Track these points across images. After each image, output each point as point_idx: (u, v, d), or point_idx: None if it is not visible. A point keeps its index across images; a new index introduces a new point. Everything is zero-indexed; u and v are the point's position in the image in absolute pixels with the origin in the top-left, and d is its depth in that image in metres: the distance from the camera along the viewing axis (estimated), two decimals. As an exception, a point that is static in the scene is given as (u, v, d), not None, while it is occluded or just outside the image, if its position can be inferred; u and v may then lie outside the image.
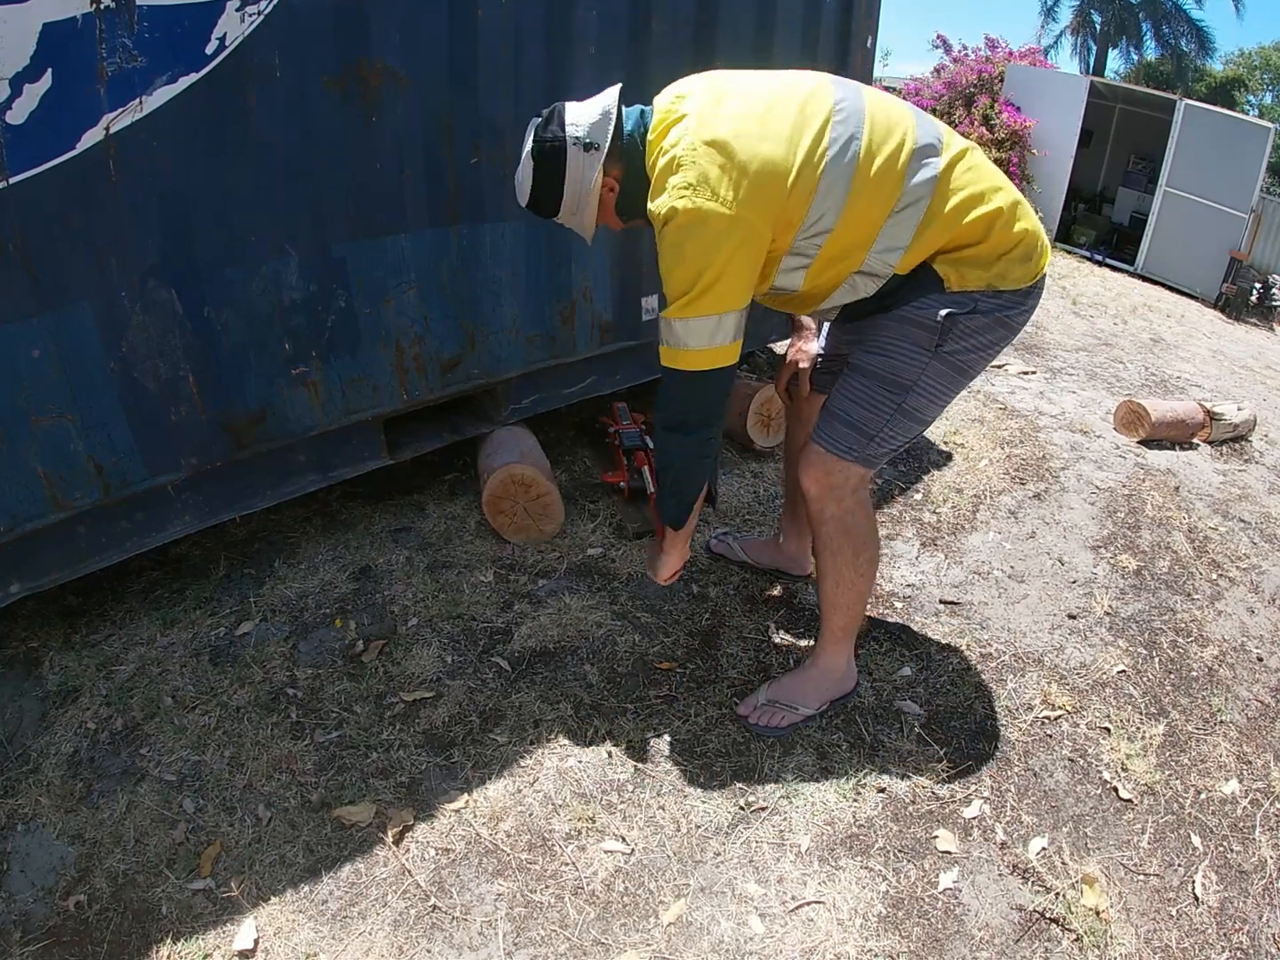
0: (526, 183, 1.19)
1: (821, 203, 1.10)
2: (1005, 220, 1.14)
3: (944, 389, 1.24)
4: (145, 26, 1.19)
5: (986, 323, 1.18)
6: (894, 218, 1.11)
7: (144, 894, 1.14)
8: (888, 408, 1.23)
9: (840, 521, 1.31)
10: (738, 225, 1.06)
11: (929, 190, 1.11)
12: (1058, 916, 1.16)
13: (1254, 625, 1.87)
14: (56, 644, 1.55)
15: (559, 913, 1.13)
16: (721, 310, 1.11)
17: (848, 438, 1.26)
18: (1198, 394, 3.42)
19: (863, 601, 1.40)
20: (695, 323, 1.12)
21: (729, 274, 1.09)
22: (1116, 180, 7.84)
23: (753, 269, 1.12)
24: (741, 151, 1.06)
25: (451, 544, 1.88)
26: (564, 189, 1.17)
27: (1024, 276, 1.16)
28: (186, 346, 1.41)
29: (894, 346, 1.21)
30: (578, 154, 1.14)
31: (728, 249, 1.07)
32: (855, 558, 1.33)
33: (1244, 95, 20.80)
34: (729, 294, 1.10)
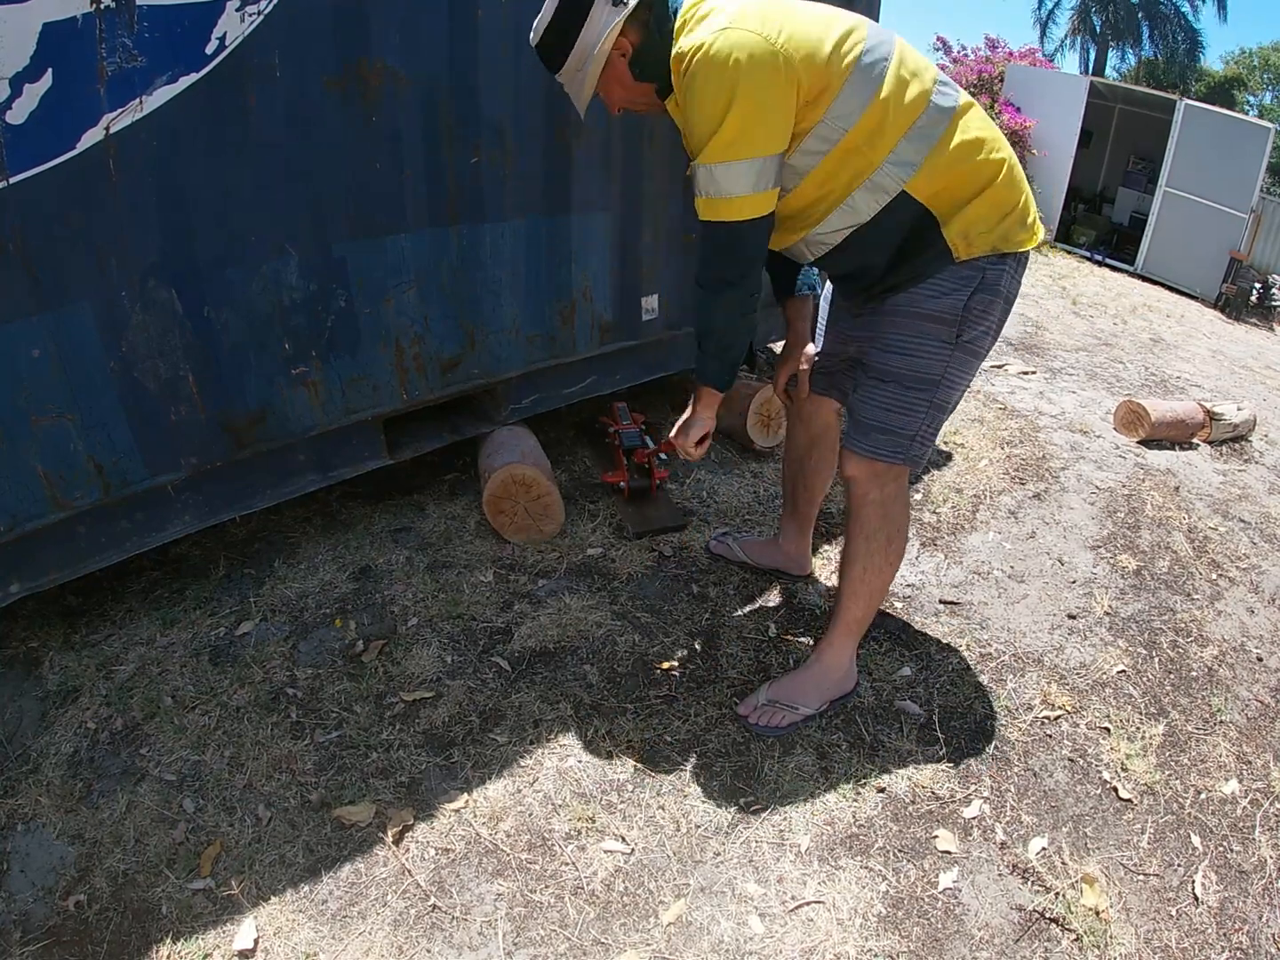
0: (545, 21, 1.17)
1: (848, 97, 1.10)
2: (1006, 176, 1.16)
3: (966, 375, 1.28)
4: (145, 26, 1.19)
5: (991, 299, 1.20)
6: (913, 131, 1.12)
7: (144, 894, 1.14)
8: (922, 407, 1.25)
9: (882, 506, 1.32)
10: (781, 60, 1.04)
11: (946, 118, 1.14)
12: (1057, 916, 1.16)
13: (1254, 625, 1.87)
14: (56, 644, 1.55)
15: (559, 912, 1.13)
16: (763, 152, 1.08)
17: (889, 444, 1.27)
18: (1197, 394, 3.43)
19: (883, 595, 1.41)
20: (738, 166, 1.09)
21: (771, 111, 1.06)
22: (1116, 180, 7.85)
23: (789, 111, 1.08)
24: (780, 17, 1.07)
25: (451, 544, 1.88)
26: (577, 39, 1.15)
27: (1024, 240, 1.19)
28: (186, 346, 1.41)
29: (915, 345, 1.22)
30: (603, 5, 1.13)
31: (770, 82, 1.05)
32: (888, 544, 1.35)
33: (1244, 95, 20.81)
34: (770, 134, 1.08)
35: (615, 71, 1.19)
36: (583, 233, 1.92)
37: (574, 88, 1.22)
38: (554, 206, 1.85)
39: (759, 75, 1.04)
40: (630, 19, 1.14)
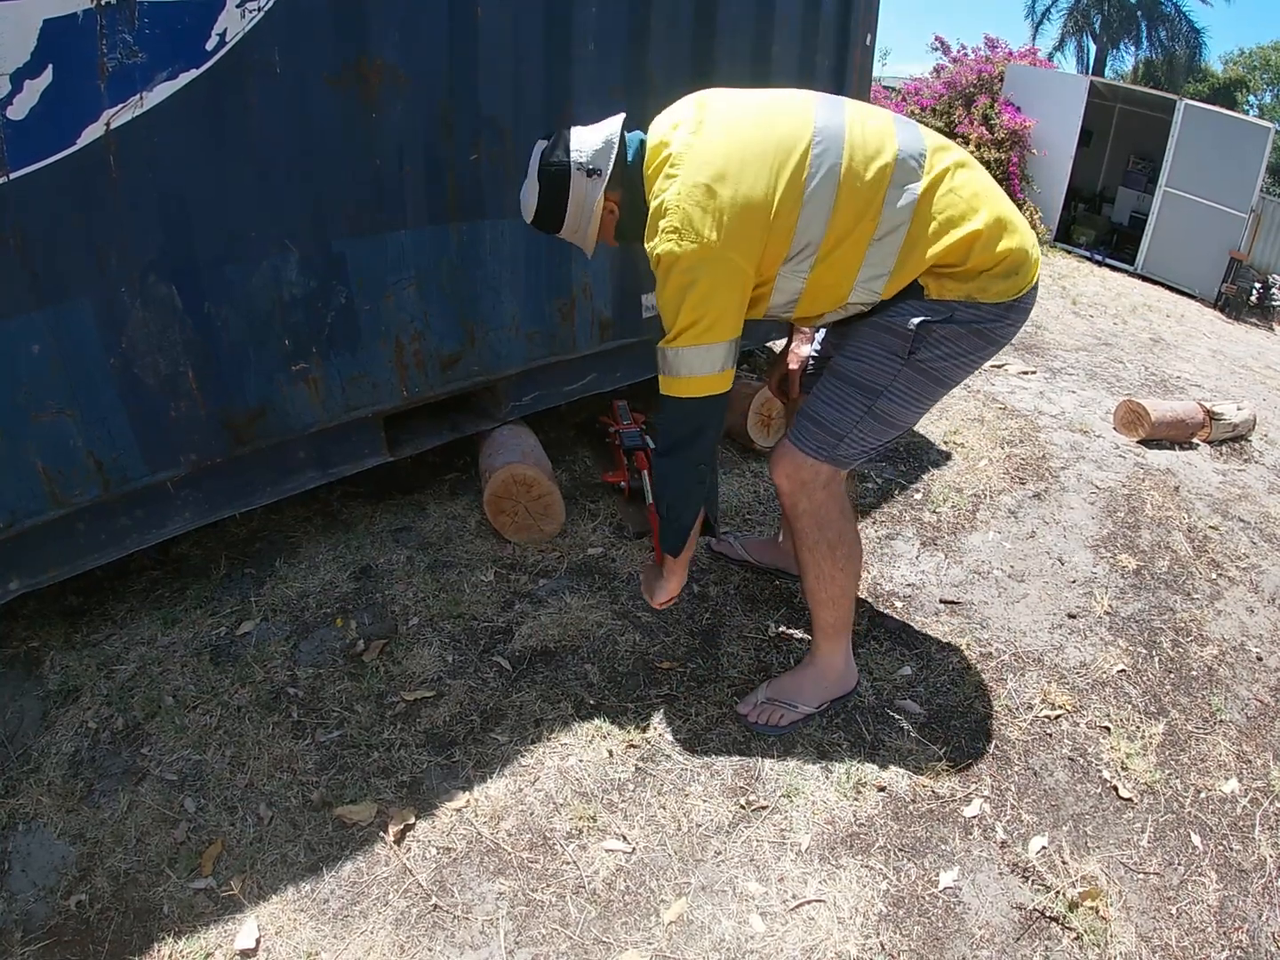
0: (532, 202, 1.25)
1: (804, 232, 1.15)
2: (985, 241, 1.15)
3: (918, 396, 1.26)
4: (146, 22, 1.19)
5: (962, 332, 1.20)
6: (876, 245, 1.16)
7: (145, 893, 1.13)
8: (857, 411, 1.26)
9: (813, 516, 1.33)
10: (721, 264, 1.12)
11: (908, 215, 1.14)
12: (1057, 915, 1.16)
13: (1253, 625, 1.88)
14: (57, 643, 1.55)
15: (560, 911, 1.13)
16: (710, 340, 1.16)
17: (816, 437, 1.28)
18: (1197, 394, 3.43)
19: (848, 596, 1.40)
20: (687, 352, 1.18)
21: (715, 309, 1.15)
22: (1116, 180, 7.85)
23: (739, 303, 1.18)
24: (724, 193, 1.11)
25: (452, 543, 1.88)
26: (567, 210, 1.23)
27: (1006, 291, 1.18)
28: (186, 342, 1.41)
29: (867, 351, 1.24)
30: (581, 178, 1.20)
31: (712, 286, 1.14)
32: (832, 551, 1.34)
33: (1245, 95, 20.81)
34: (716, 327, 1.16)
35: (607, 227, 1.27)
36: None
37: (576, 241, 1.29)
38: (555, 204, 1.84)
39: (709, 284, 1.13)
40: (609, 181, 1.21)
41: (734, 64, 2.00)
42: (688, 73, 1.90)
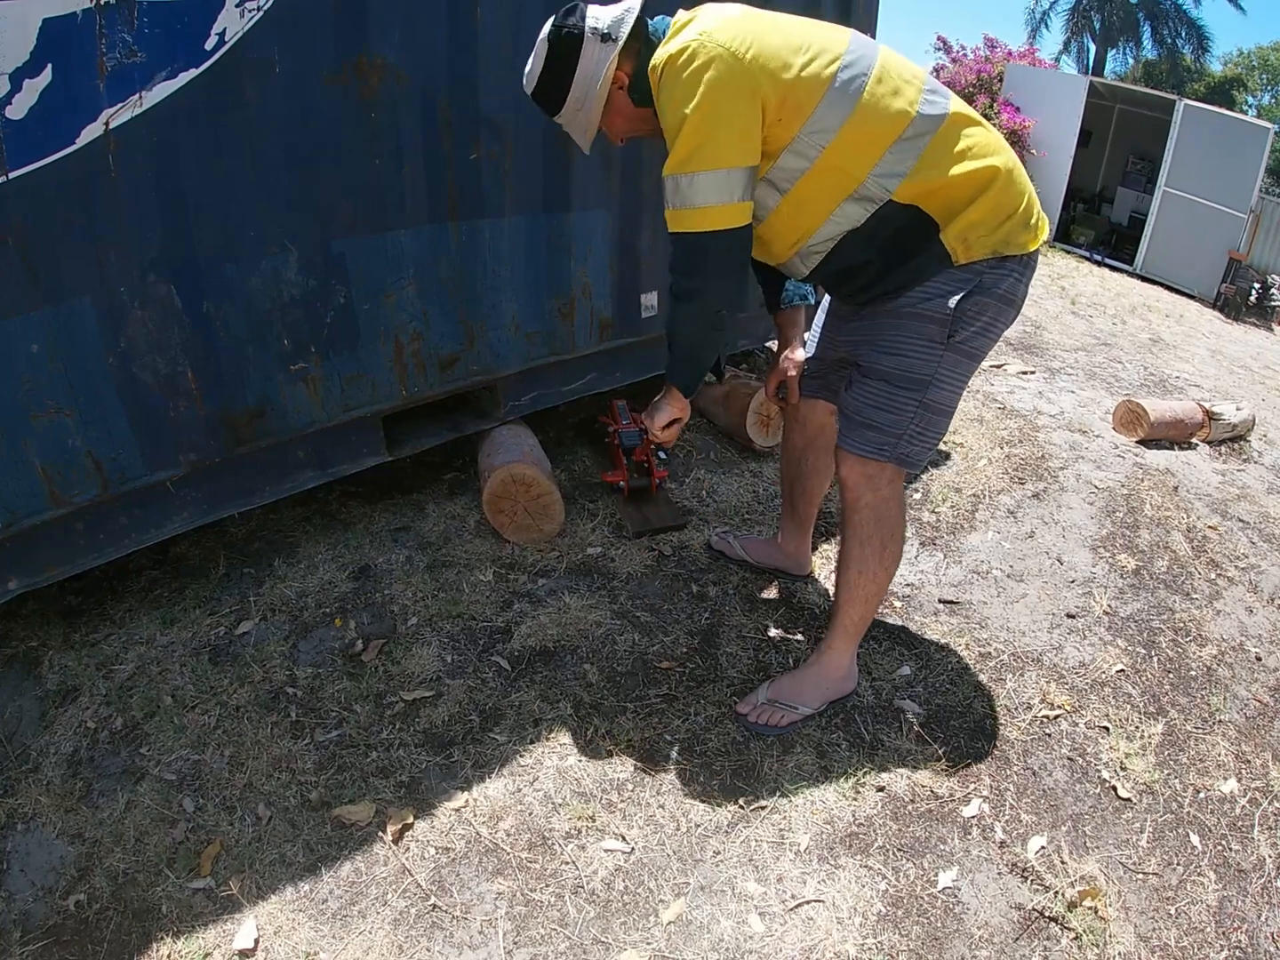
0: (537, 68, 1.17)
1: (825, 109, 1.09)
2: (1004, 180, 1.14)
3: (961, 377, 1.25)
4: (145, 22, 1.19)
5: (989, 301, 1.19)
6: (898, 144, 1.11)
7: (144, 893, 1.13)
8: (911, 406, 1.23)
9: (875, 510, 1.32)
10: (746, 74, 1.05)
11: (934, 126, 1.12)
12: (1057, 915, 1.16)
13: (1252, 625, 1.88)
14: (56, 643, 1.55)
15: (559, 911, 1.13)
16: (730, 163, 1.07)
17: (875, 440, 1.27)
18: (1196, 394, 3.43)
19: (880, 597, 1.40)
20: (703, 177, 1.08)
21: (737, 123, 1.06)
22: (1115, 180, 7.86)
23: (755, 127, 1.08)
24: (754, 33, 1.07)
25: (451, 543, 1.88)
26: (574, 80, 1.15)
27: (1027, 241, 1.17)
28: (185, 342, 1.41)
29: (906, 344, 1.21)
30: (594, 44, 1.13)
31: (735, 94, 1.05)
32: (883, 549, 1.34)
33: (1243, 95, 20.82)
34: (737, 146, 1.07)
35: (616, 104, 1.19)
36: (582, 229, 1.92)
37: (576, 127, 1.22)
38: (553, 203, 1.84)
39: (723, 88, 1.04)
40: (623, 51, 1.14)
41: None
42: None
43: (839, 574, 1.41)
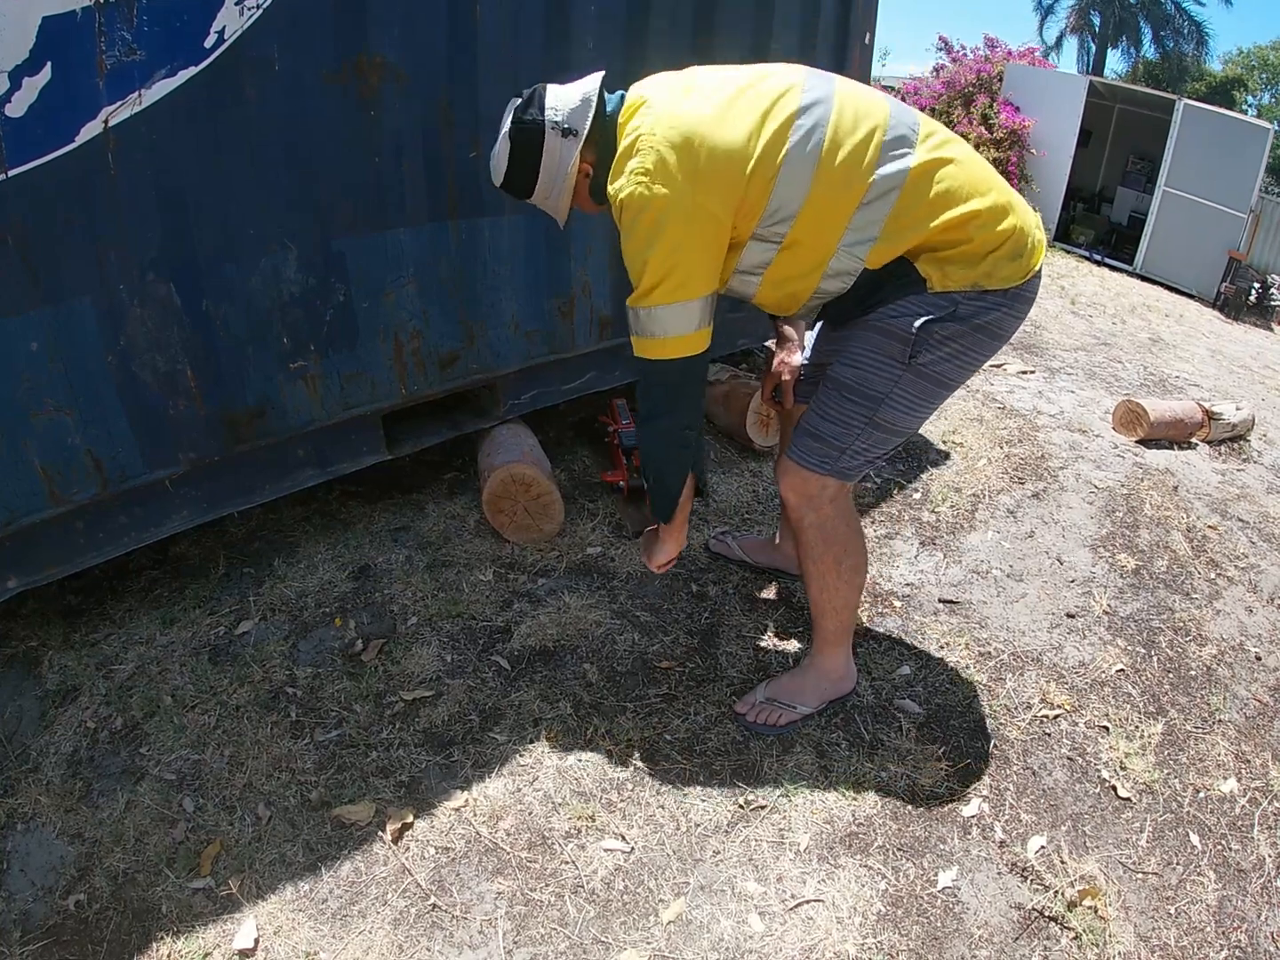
0: (502, 163, 1.18)
1: (782, 191, 1.08)
2: (983, 221, 1.10)
3: (919, 401, 1.21)
4: (144, 20, 1.18)
5: (963, 330, 1.14)
6: (862, 210, 1.09)
7: (144, 893, 1.13)
8: (859, 421, 1.21)
9: (820, 529, 1.30)
10: (695, 211, 1.05)
11: (899, 182, 1.08)
12: (1056, 915, 1.16)
13: (1252, 624, 1.88)
14: (56, 643, 1.55)
15: (559, 911, 1.13)
16: (685, 297, 1.10)
17: (818, 452, 1.25)
18: (1196, 394, 3.43)
19: (851, 607, 1.39)
20: (660, 311, 1.11)
21: (689, 260, 1.08)
22: (1115, 180, 7.85)
23: (714, 255, 1.11)
24: (700, 137, 1.05)
25: (451, 543, 1.88)
26: (539, 172, 1.16)
27: (1013, 275, 1.12)
28: (185, 341, 1.41)
29: (866, 358, 1.19)
30: (555, 138, 1.13)
31: (685, 235, 1.06)
32: (837, 564, 1.33)
33: (1243, 95, 20.81)
34: (691, 280, 1.09)
35: (582, 193, 1.21)
36: (582, 228, 1.91)
37: (548, 208, 1.23)
38: (554, 203, 1.84)
39: (677, 229, 1.06)
40: (585, 142, 1.14)
41: (732, 62, 1.99)
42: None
43: (805, 589, 1.41)
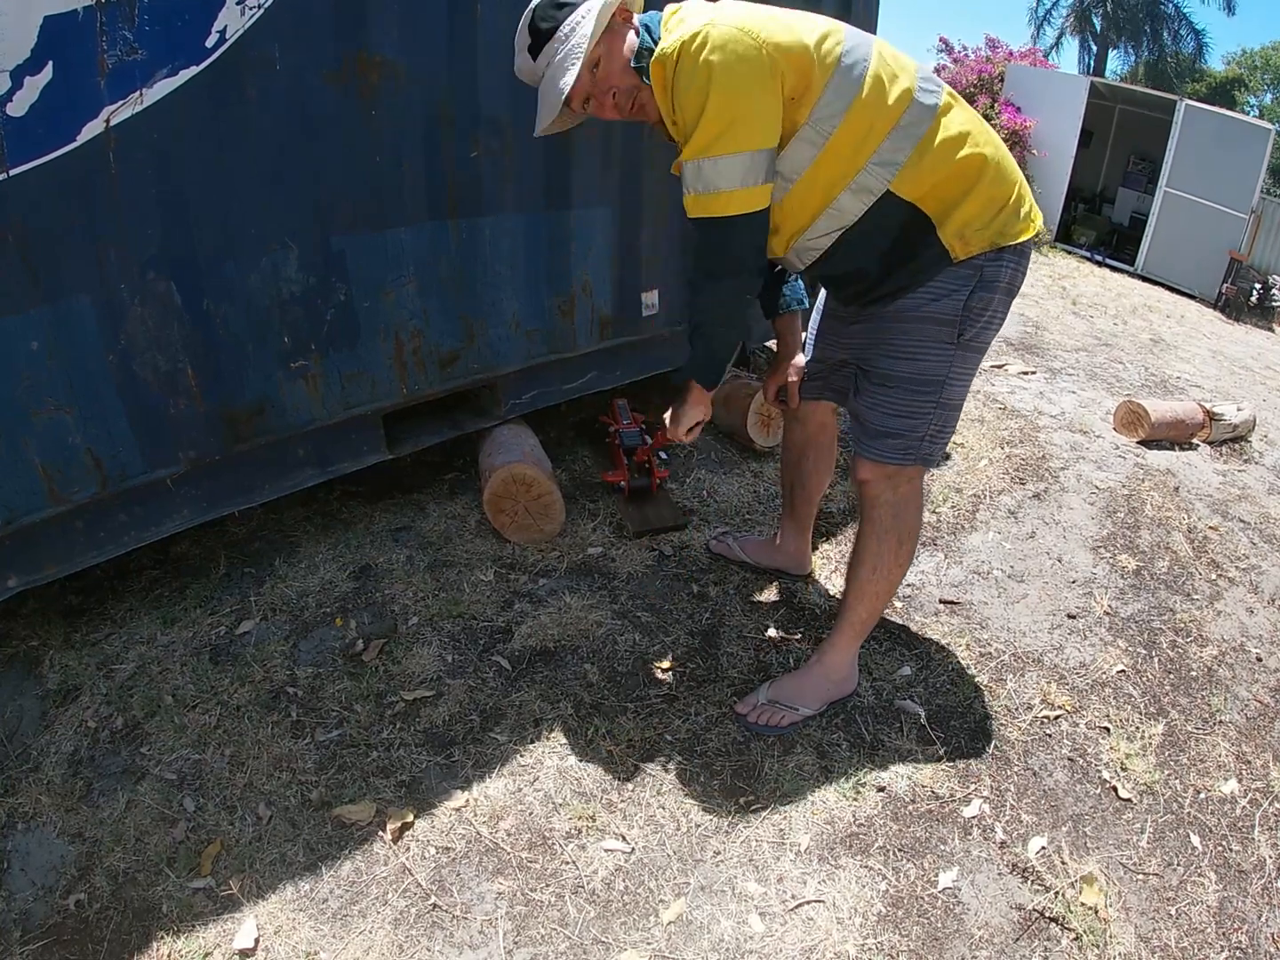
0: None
1: (835, 87, 1.09)
2: (994, 171, 1.15)
3: (970, 372, 1.28)
4: (145, 19, 1.18)
5: (992, 296, 1.20)
6: (895, 133, 1.11)
7: (144, 892, 1.13)
8: (929, 407, 1.25)
9: (894, 506, 1.33)
10: (763, 54, 1.04)
11: (930, 115, 1.12)
12: (1057, 915, 1.16)
13: (1253, 625, 1.88)
14: (57, 643, 1.55)
15: (559, 911, 1.13)
16: (753, 146, 1.07)
17: (899, 448, 1.28)
18: (1197, 394, 3.43)
19: (890, 595, 1.41)
20: (726, 161, 1.07)
21: (758, 106, 1.05)
22: (1116, 180, 7.85)
23: (774, 109, 1.07)
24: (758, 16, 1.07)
25: (452, 543, 1.88)
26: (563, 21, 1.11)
27: (1021, 230, 1.18)
28: (185, 339, 1.40)
29: (920, 349, 1.22)
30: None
31: (755, 75, 1.04)
32: (899, 546, 1.35)
33: (1244, 96, 20.80)
34: (759, 128, 1.06)
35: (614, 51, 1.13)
36: (583, 227, 1.91)
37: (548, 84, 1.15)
38: (554, 200, 1.84)
39: (742, 69, 1.03)
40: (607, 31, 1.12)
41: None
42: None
43: (851, 570, 1.41)
